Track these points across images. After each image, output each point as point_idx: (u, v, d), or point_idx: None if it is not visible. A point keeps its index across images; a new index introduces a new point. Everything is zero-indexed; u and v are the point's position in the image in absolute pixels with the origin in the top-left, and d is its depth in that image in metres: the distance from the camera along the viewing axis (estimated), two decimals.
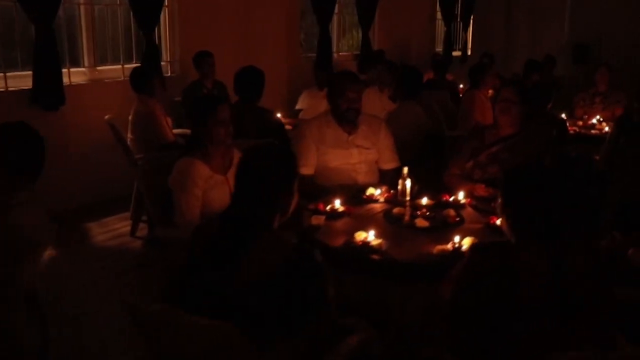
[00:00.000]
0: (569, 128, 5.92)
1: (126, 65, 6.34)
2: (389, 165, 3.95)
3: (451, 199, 3.36)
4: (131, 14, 6.22)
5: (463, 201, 3.34)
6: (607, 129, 5.93)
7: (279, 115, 6.26)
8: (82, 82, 5.98)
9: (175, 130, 5.57)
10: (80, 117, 5.80)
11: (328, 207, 3.18)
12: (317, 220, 2.97)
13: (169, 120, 5.56)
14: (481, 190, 3.51)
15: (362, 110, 3.77)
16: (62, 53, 5.75)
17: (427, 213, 3.10)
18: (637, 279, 2.63)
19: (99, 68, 6.15)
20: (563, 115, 6.38)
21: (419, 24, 10.62)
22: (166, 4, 6.60)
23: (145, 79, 5.25)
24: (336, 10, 8.96)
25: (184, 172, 3.28)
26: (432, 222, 2.99)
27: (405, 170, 3.39)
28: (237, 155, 3.55)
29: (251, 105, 4.58)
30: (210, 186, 3.33)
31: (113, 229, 5.43)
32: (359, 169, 3.86)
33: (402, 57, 9.83)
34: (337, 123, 3.84)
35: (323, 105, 6.65)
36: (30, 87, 5.43)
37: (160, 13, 6.38)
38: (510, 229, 2.09)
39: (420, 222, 2.96)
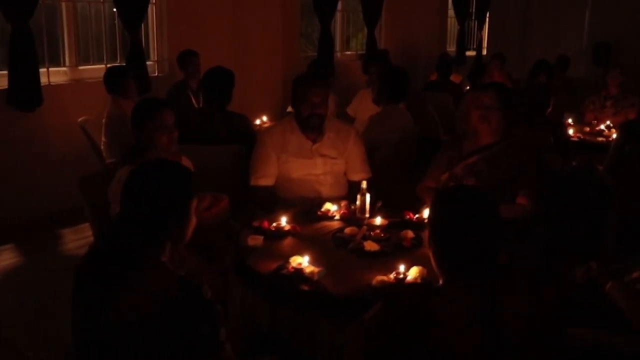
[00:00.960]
0: (574, 134, 5.53)
1: (110, 65, 6.10)
2: (358, 176, 3.64)
3: (415, 216, 3.03)
4: (115, 11, 5.99)
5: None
6: (615, 136, 5.54)
7: (265, 119, 6.01)
8: (62, 82, 5.77)
9: None
10: (60, 118, 5.58)
11: (273, 225, 2.88)
12: (254, 240, 2.67)
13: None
14: None
15: (357, 115, 3.45)
16: (42, 52, 5.55)
17: (382, 234, 2.78)
18: (614, 318, 2.29)
19: (81, 67, 5.92)
20: (570, 120, 5.99)
21: (429, 22, 10.23)
22: (153, 1, 6.35)
23: (118, 80, 5.00)
24: (339, 8, 8.64)
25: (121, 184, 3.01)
26: (384, 246, 2.66)
27: (364, 184, 3.07)
28: (186, 165, 3.28)
29: (220, 109, 4.29)
30: None
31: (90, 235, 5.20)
32: (323, 180, 3.55)
33: (411, 57, 9.48)
34: (301, 130, 3.53)
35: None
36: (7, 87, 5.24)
37: (146, 11, 6.12)
38: (437, 266, 1.77)
39: (369, 246, 2.64)
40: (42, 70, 5.47)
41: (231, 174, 3.93)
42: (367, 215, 3.05)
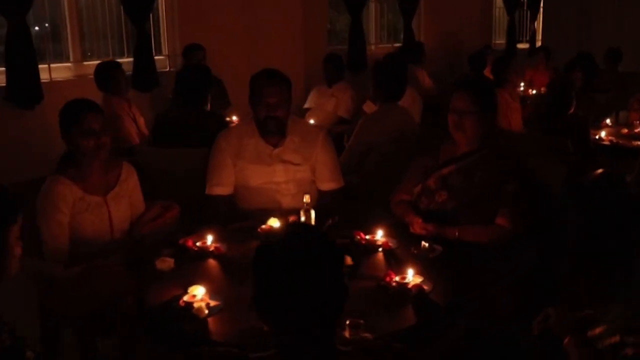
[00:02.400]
0: (606, 138, 4.93)
1: (117, 60, 5.90)
2: (327, 185, 3.26)
3: (366, 238, 2.62)
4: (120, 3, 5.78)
5: (380, 242, 2.59)
6: None
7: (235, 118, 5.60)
8: (66, 78, 5.61)
9: None
10: None
11: (197, 244, 2.53)
12: (163, 264, 2.34)
13: (142, 120, 5.06)
14: (417, 226, 2.75)
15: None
16: (44, 48, 5.42)
17: None
18: None
19: (86, 63, 5.74)
20: (608, 121, 5.36)
21: (473, 12, 9.62)
22: None
23: (108, 76, 4.77)
24: None
25: (47, 194, 2.74)
26: None
27: (307, 198, 2.68)
28: (127, 173, 2.99)
29: (194, 109, 3.98)
30: (82, 209, 2.78)
31: None
32: (285, 189, 3.18)
33: (452, 50, 8.94)
34: (260, 134, 3.17)
35: (331, 104, 6.01)
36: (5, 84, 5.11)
37: (154, 2, 5.88)
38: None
39: None
40: (44, 66, 5.34)
41: (202, 178, 3.62)
42: None
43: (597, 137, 4.98)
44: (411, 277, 2.19)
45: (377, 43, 8.59)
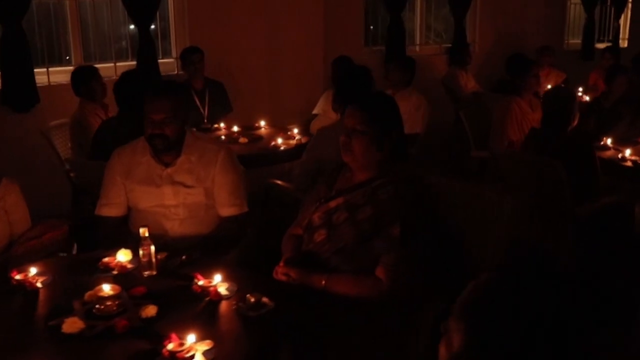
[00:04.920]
0: (629, 157, 4.16)
1: (119, 63, 5.77)
2: (225, 210, 2.87)
3: (201, 282, 2.19)
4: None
5: (211, 289, 2.13)
6: None
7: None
8: (65, 82, 5.51)
9: None
10: (59, 119, 5.33)
11: (17, 278, 2.22)
12: None
13: None
14: (278, 270, 2.30)
15: None
16: (41, 51, 5.36)
17: (114, 307, 2.01)
18: None
19: None
20: (610, 142, 4.50)
21: (539, 9, 8.74)
22: None
23: (82, 82, 4.60)
24: None
25: None
26: (89, 327, 1.90)
27: (144, 231, 2.29)
28: (5, 190, 2.75)
29: (130, 115, 3.70)
30: None
31: None
32: (173, 214, 2.81)
33: (513, 52, 8.14)
34: (151, 152, 2.83)
35: None
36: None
37: (158, 5, 5.67)
38: None
39: (68, 325, 1.89)
40: (40, 70, 5.29)
41: None
42: (154, 272, 2.28)
43: (619, 156, 4.24)
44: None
45: (423, 44, 7.97)
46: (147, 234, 2.28)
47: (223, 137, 4.85)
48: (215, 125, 5.21)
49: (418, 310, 2.16)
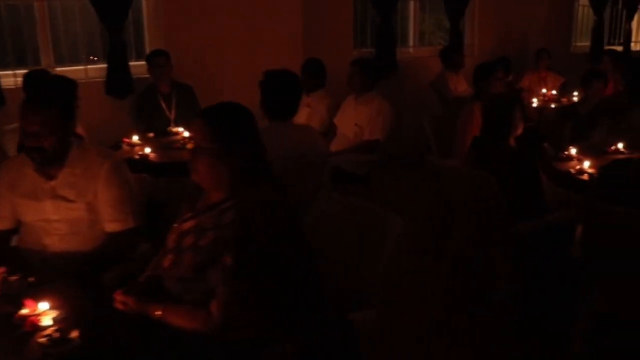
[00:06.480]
0: (588, 169, 3.91)
1: (90, 66, 5.75)
2: (109, 226, 2.76)
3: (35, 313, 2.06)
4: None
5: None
6: None
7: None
8: None
9: None
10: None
11: None
12: None
13: (80, 130, 4.81)
14: (117, 298, 2.15)
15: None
16: (10, 53, 5.39)
17: None
18: None
19: (58, 69, 5.62)
20: (574, 151, 4.25)
21: (543, 11, 8.41)
22: None
23: (31, 85, 4.56)
24: None
25: None
26: None
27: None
28: None
29: None
30: None
31: None
32: (55, 229, 2.72)
33: (514, 54, 7.86)
34: (33, 164, 2.75)
35: (304, 115, 5.43)
36: None
37: (129, 8, 5.61)
38: None
39: None
40: (9, 72, 5.31)
41: None
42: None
43: (577, 168, 4.02)
44: None
45: (417, 46, 7.76)
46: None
47: (180, 143, 4.77)
48: (181, 129, 5.13)
49: (257, 353, 2.02)
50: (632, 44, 9.37)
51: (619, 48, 9.11)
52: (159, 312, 2.07)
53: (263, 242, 2.01)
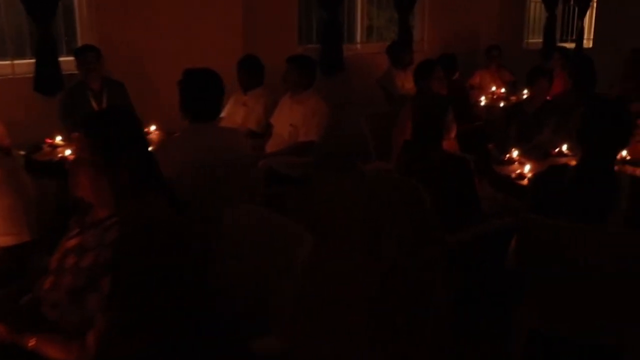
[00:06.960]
0: (528, 173, 3.78)
1: (17, 61, 5.45)
2: (2, 240, 2.53)
3: None
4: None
5: None
6: None
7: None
8: None
9: None
10: None
11: None
12: None
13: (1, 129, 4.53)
14: None
15: None
16: None
17: None
18: None
19: None
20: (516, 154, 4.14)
21: (494, 6, 8.33)
22: None
23: None
24: None
25: None
26: None
27: None
28: None
29: None
30: None
31: None
32: None
33: (465, 51, 7.75)
34: None
35: (240, 114, 5.23)
36: None
37: (58, 2, 5.32)
38: None
39: None
40: None
41: None
42: None
43: (518, 172, 3.89)
44: None
45: (365, 42, 7.59)
46: None
47: None
48: None
49: None
50: (585, 41, 9.34)
51: (572, 45, 9.09)
52: (32, 343, 1.85)
53: (141, 265, 1.81)
